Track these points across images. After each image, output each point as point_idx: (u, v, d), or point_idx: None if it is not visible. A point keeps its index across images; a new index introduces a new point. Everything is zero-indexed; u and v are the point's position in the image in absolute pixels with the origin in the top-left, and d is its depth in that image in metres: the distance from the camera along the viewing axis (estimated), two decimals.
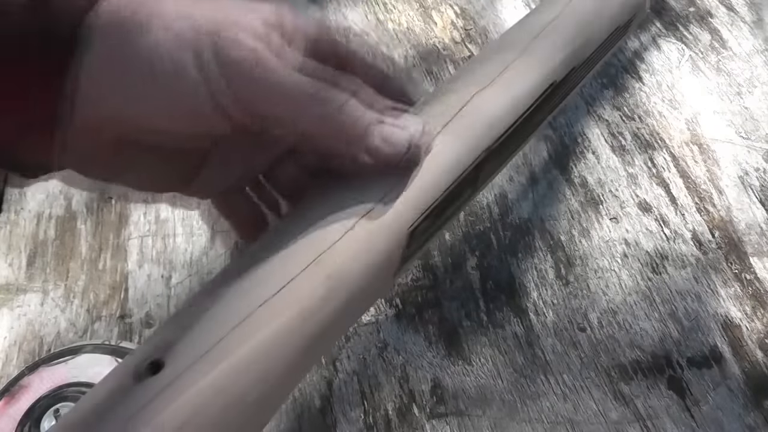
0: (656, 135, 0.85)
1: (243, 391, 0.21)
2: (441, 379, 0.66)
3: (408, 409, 0.64)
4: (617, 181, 0.81)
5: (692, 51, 0.94)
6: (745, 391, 0.64)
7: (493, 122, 0.29)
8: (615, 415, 0.63)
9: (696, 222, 0.77)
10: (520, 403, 0.64)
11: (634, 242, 0.75)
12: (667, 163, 0.82)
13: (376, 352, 0.67)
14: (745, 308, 0.70)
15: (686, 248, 0.75)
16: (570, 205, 0.78)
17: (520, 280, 0.73)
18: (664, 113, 0.87)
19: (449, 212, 0.29)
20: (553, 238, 0.76)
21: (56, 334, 0.69)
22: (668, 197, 0.79)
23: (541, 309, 0.71)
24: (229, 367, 0.21)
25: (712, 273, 0.73)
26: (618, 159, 0.83)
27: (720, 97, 0.89)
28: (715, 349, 0.67)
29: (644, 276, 0.73)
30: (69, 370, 0.61)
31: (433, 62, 0.96)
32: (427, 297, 0.71)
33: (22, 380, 0.61)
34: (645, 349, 0.68)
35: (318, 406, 0.64)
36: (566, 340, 0.68)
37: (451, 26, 1.01)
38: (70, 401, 0.59)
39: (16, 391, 0.60)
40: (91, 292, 0.72)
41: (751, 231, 0.76)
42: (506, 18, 1.01)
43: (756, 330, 0.68)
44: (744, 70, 0.92)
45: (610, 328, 0.69)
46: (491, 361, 0.67)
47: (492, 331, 0.69)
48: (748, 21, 0.98)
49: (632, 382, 0.65)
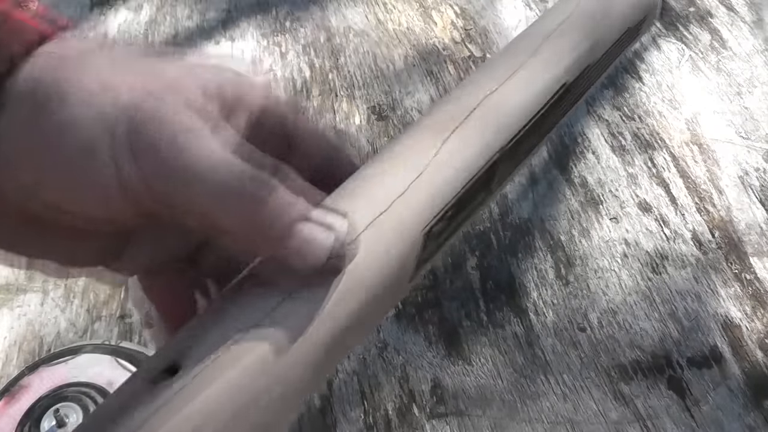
0: (656, 135, 0.85)
1: (255, 396, 0.22)
2: (441, 379, 0.66)
3: (408, 409, 0.64)
4: (617, 181, 0.81)
5: (692, 51, 0.94)
6: (745, 391, 0.64)
7: (505, 123, 0.29)
8: (615, 415, 0.63)
9: (696, 222, 0.77)
10: (520, 403, 0.64)
11: (634, 242, 0.75)
12: (667, 163, 0.82)
13: (376, 352, 0.68)
14: (745, 308, 0.70)
15: (686, 248, 0.75)
16: (570, 205, 0.78)
17: (520, 280, 0.73)
18: (664, 113, 0.87)
19: (463, 215, 0.29)
20: (553, 238, 0.76)
21: (56, 334, 0.69)
22: (668, 197, 0.79)
23: (541, 309, 0.71)
24: (242, 369, 0.21)
25: (712, 273, 0.73)
26: (618, 159, 0.83)
27: (720, 97, 0.89)
28: (715, 349, 0.67)
29: (644, 276, 0.73)
30: (69, 370, 0.61)
31: (433, 62, 0.96)
32: (427, 297, 0.71)
33: (22, 380, 0.61)
34: (645, 349, 0.68)
35: (318, 406, 0.64)
36: (566, 340, 0.68)
37: (451, 26, 1.01)
38: (70, 401, 0.59)
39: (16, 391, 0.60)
40: (91, 292, 0.72)
41: (751, 231, 0.76)
42: (506, 18, 1.01)
43: (756, 330, 0.68)
44: (744, 70, 0.92)
45: (610, 328, 0.69)
46: (491, 361, 0.67)
47: (492, 331, 0.69)
48: (748, 21, 0.98)
49: (632, 382, 0.65)
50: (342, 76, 0.95)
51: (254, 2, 1.09)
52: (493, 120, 0.29)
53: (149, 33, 1.06)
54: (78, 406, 0.59)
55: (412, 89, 0.93)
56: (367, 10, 1.04)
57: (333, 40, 1.01)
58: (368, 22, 1.02)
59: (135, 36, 1.06)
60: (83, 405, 0.59)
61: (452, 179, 0.27)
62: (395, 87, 0.93)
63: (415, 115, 0.90)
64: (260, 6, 1.08)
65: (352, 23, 1.03)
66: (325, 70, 0.97)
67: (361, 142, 0.87)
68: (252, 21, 1.06)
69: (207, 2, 1.10)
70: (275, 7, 1.07)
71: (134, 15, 1.09)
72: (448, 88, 0.93)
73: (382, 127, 0.89)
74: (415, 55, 0.97)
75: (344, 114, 0.91)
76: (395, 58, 0.97)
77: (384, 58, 0.97)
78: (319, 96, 0.93)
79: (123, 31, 1.07)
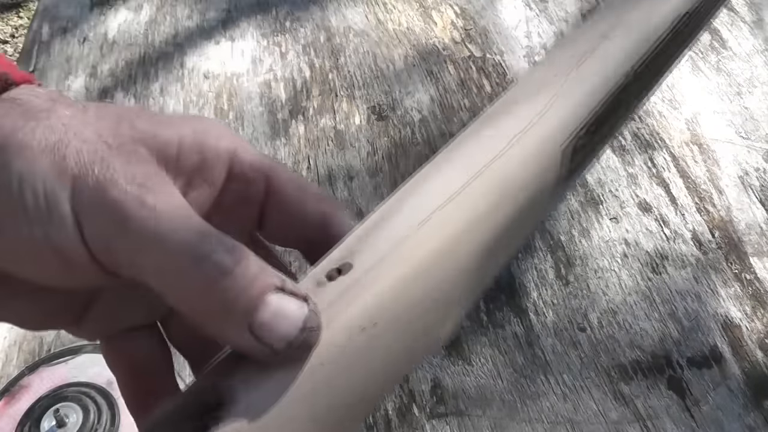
0: (656, 135, 0.85)
1: (423, 293, 0.22)
2: (441, 379, 0.66)
3: (408, 409, 0.64)
4: (617, 181, 0.81)
5: (692, 51, 0.94)
6: (745, 391, 0.64)
7: (636, 44, 0.30)
8: (615, 415, 0.63)
9: (696, 222, 0.77)
10: (520, 403, 0.64)
11: (634, 242, 0.75)
12: (667, 163, 0.82)
13: None
14: (745, 308, 0.70)
15: (686, 248, 0.75)
16: (570, 205, 0.78)
17: (520, 280, 0.73)
18: (664, 113, 0.87)
19: (604, 130, 0.30)
20: (553, 238, 0.76)
21: (56, 334, 0.69)
22: (668, 197, 0.79)
23: (541, 309, 0.71)
24: (410, 269, 0.22)
25: (712, 273, 0.73)
26: (618, 159, 0.83)
27: (720, 97, 0.89)
28: (715, 349, 0.67)
29: (644, 276, 0.73)
30: (69, 370, 0.62)
31: (433, 62, 0.96)
32: None
33: (22, 380, 0.61)
34: (645, 349, 0.68)
35: None
36: (566, 340, 0.68)
37: (451, 26, 1.01)
38: (71, 401, 0.59)
39: (16, 391, 0.60)
40: None
41: (751, 231, 0.76)
42: (506, 18, 1.01)
43: (756, 330, 0.68)
44: (744, 70, 0.92)
45: (610, 328, 0.69)
46: (491, 361, 0.67)
47: (492, 331, 0.69)
48: (748, 21, 0.98)
49: (632, 382, 0.65)
50: (342, 76, 0.95)
51: (254, 2, 1.09)
52: (624, 41, 0.30)
53: (149, 33, 1.06)
54: (78, 406, 0.59)
55: (412, 89, 0.93)
56: (367, 10, 1.04)
57: (333, 40, 1.01)
58: (368, 22, 1.02)
59: (135, 36, 1.06)
60: (83, 405, 0.59)
61: (595, 88, 0.28)
62: (395, 87, 0.93)
63: (415, 115, 0.90)
64: (260, 6, 1.08)
65: (352, 23, 1.03)
66: (325, 70, 0.97)
67: (361, 142, 0.87)
68: (252, 21, 1.06)
69: (207, 2, 1.10)
70: (275, 7, 1.07)
71: (134, 15, 1.09)
72: (448, 88, 0.93)
73: (382, 127, 0.89)
74: (415, 55, 0.97)
75: (344, 114, 0.91)
76: (395, 58, 0.97)
77: (384, 58, 0.97)
78: (319, 96, 0.93)
79: (123, 31, 1.07)
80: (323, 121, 0.90)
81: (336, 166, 0.85)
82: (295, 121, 0.91)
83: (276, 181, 0.25)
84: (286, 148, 0.88)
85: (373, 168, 0.85)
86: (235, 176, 0.24)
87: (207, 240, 0.19)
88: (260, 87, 0.96)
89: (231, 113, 0.93)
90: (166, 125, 0.22)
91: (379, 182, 0.82)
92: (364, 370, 0.21)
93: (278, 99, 0.94)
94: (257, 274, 0.19)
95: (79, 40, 1.06)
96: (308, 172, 0.85)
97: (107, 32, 1.07)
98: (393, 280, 0.21)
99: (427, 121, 0.89)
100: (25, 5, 2.41)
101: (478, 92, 0.92)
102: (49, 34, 1.09)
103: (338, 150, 0.87)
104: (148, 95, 0.96)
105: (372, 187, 0.82)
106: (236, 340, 0.20)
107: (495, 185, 0.24)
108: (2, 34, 2.32)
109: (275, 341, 0.19)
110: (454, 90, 0.92)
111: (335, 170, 0.85)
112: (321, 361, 0.20)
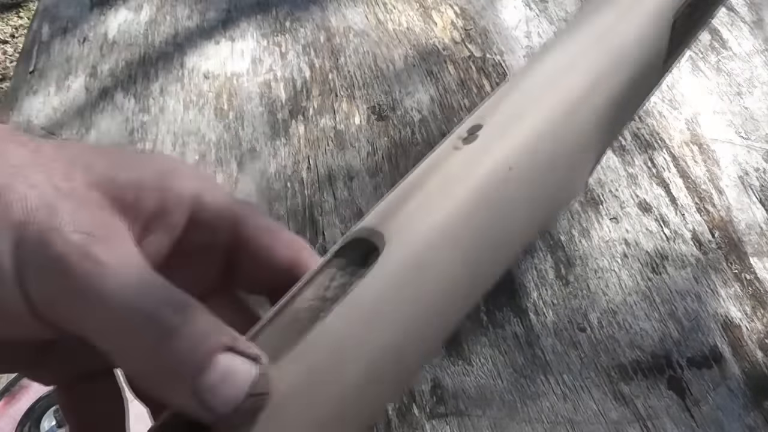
0: (656, 135, 0.85)
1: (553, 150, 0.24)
2: (441, 379, 0.66)
3: (408, 409, 0.64)
4: (617, 181, 0.81)
5: (692, 51, 0.94)
6: (745, 391, 0.64)
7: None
8: (615, 415, 0.63)
9: (696, 222, 0.77)
10: (520, 403, 0.64)
11: (634, 242, 0.75)
12: (667, 163, 0.82)
13: None
14: (745, 308, 0.70)
15: (686, 248, 0.75)
16: (570, 205, 0.78)
17: (520, 280, 0.73)
18: (664, 113, 0.87)
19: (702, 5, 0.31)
20: (553, 238, 0.76)
21: None
22: (668, 197, 0.79)
23: (541, 309, 0.71)
24: (536, 132, 0.24)
25: (712, 273, 0.73)
26: (618, 159, 0.83)
27: (720, 97, 0.89)
28: (715, 349, 0.67)
29: (644, 276, 0.73)
30: None
31: (433, 62, 0.96)
32: None
33: (22, 380, 0.61)
34: (645, 349, 0.68)
35: None
36: (566, 340, 0.68)
37: (451, 26, 1.01)
38: None
39: (16, 391, 0.60)
40: None
41: (751, 231, 0.76)
42: (506, 18, 1.01)
43: (756, 330, 0.68)
44: (744, 70, 0.92)
45: (610, 328, 0.69)
46: (491, 361, 0.67)
47: (492, 331, 0.69)
48: (748, 21, 0.98)
49: (632, 382, 0.65)
50: (342, 76, 0.95)
51: (254, 2, 1.09)
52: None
53: (149, 33, 1.06)
54: None
55: (412, 89, 0.93)
56: (367, 10, 1.04)
57: (333, 40, 1.01)
58: (368, 22, 1.02)
59: (135, 36, 1.06)
60: None
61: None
62: (395, 87, 0.93)
63: (415, 115, 0.90)
64: (260, 6, 1.08)
65: (352, 23, 1.03)
66: (325, 70, 0.97)
67: (361, 142, 0.87)
68: (252, 21, 1.06)
69: (207, 2, 1.10)
70: (275, 7, 1.07)
71: (134, 15, 1.09)
72: (448, 88, 0.93)
73: (382, 127, 0.89)
74: (415, 55, 0.97)
75: (344, 114, 0.91)
76: (395, 58, 0.97)
77: (384, 58, 0.97)
78: (319, 96, 0.93)
79: (123, 31, 1.07)
80: (323, 121, 0.90)
81: (336, 166, 0.85)
82: (295, 121, 0.91)
83: (244, 228, 0.24)
84: (286, 148, 0.88)
85: (373, 168, 0.85)
86: (197, 222, 0.23)
87: (154, 297, 0.18)
88: (260, 87, 0.96)
89: (231, 113, 0.93)
90: (126, 167, 0.21)
91: (379, 182, 0.82)
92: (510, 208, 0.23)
93: (278, 99, 0.94)
94: (207, 333, 0.18)
95: (79, 40, 1.06)
96: (308, 172, 0.85)
97: (107, 32, 1.07)
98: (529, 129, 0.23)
99: (427, 121, 0.89)
100: (25, 5, 2.41)
101: (478, 92, 0.92)
102: (49, 34, 1.09)
103: (338, 150, 0.87)
104: (148, 95, 0.96)
105: (372, 187, 0.83)
106: (180, 402, 0.18)
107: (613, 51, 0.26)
108: (2, 34, 2.32)
109: (220, 406, 0.18)
110: (454, 90, 0.92)
111: (335, 170, 0.85)
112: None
